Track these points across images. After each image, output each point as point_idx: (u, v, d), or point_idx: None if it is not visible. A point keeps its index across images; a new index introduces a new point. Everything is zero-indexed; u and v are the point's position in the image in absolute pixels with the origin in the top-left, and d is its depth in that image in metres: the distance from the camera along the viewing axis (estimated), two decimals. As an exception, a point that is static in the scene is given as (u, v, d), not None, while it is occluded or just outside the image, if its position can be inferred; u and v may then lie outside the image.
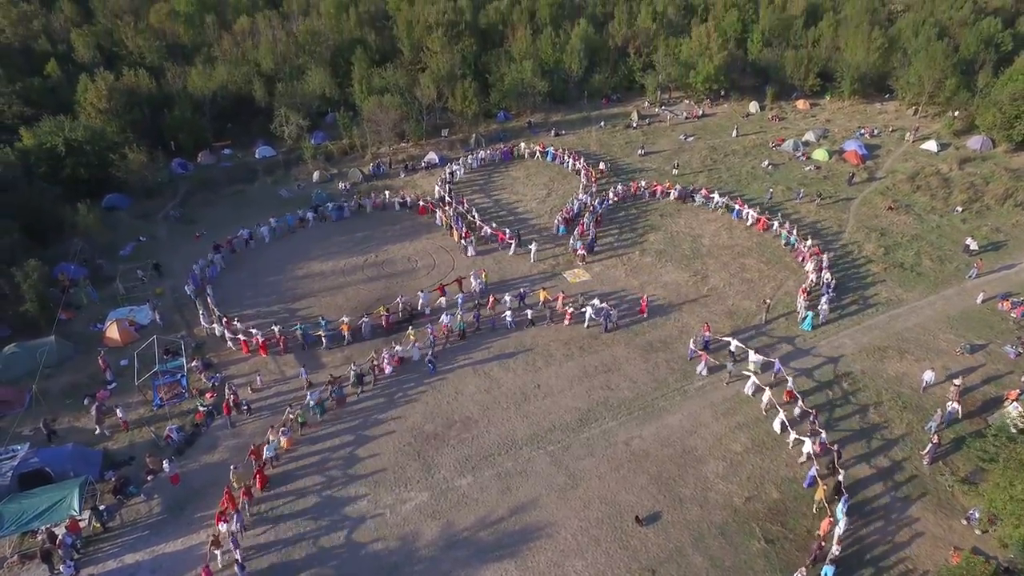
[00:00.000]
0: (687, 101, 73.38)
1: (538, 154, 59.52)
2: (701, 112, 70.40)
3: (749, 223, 46.97)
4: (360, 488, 26.98)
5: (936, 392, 31.14)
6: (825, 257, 41.16)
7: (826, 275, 39.02)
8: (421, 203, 48.91)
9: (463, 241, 44.34)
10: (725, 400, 31.43)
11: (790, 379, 31.10)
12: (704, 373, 32.42)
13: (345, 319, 35.95)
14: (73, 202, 43.59)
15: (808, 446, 26.83)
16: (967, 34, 71.67)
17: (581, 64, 72.07)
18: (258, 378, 32.90)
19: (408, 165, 57.77)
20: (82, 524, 24.70)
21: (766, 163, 57.64)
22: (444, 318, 35.78)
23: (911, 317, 37.43)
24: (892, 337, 35.64)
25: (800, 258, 42.46)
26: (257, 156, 58.62)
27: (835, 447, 27.12)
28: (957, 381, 30.82)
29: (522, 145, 60.61)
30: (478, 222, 46.39)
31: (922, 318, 37.31)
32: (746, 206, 48.04)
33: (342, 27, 73.71)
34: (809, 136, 62.42)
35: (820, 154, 58.64)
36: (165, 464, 26.81)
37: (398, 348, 33.75)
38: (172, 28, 70.80)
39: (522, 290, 38.78)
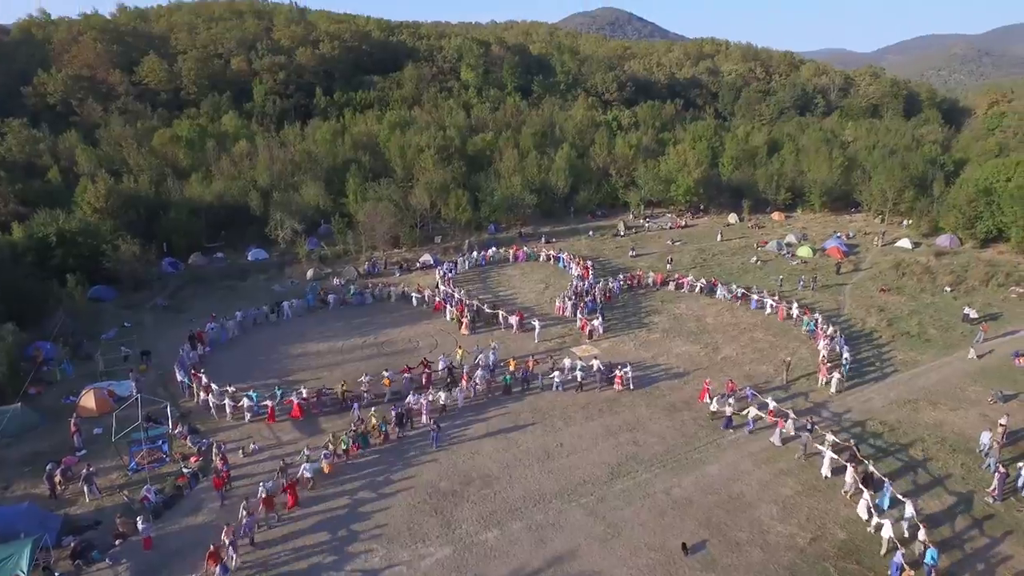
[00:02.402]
0: (669, 214, 77.03)
1: (543, 257, 60.28)
2: (684, 223, 73.73)
3: (768, 312, 45.94)
4: (370, 544, 23.20)
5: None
6: (840, 335, 40.58)
7: (845, 353, 37.74)
8: (438, 299, 47.62)
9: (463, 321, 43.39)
10: (763, 450, 29.12)
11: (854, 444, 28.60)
12: (778, 443, 29.17)
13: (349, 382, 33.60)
14: (61, 283, 41.80)
15: (888, 529, 22.24)
16: (913, 156, 78.80)
17: (567, 182, 76.20)
18: (252, 445, 29.65)
19: (403, 265, 57.86)
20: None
21: (754, 259, 59.39)
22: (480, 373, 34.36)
23: (931, 375, 36.57)
24: (919, 391, 34.45)
25: (817, 341, 40.25)
26: (250, 258, 58.23)
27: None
28: (1003, 420, 29.36)
29: (540, 246, 62.41)
30: (486, 308, 45.59)
31: (943, 375, 36.47)
32: (765, 294, 47.67)
33: (336, 151, 77.68)
34: (790, 238, 65.23)
35: (804, 251, 60.81)
36: (140, 523, 22.89)
37: (442, 395, 32.19)
38: (173, 151, 73.60)
39: (492, 358, 37.13)
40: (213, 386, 32.82)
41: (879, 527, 22.49)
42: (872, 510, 23.47)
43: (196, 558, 21.94)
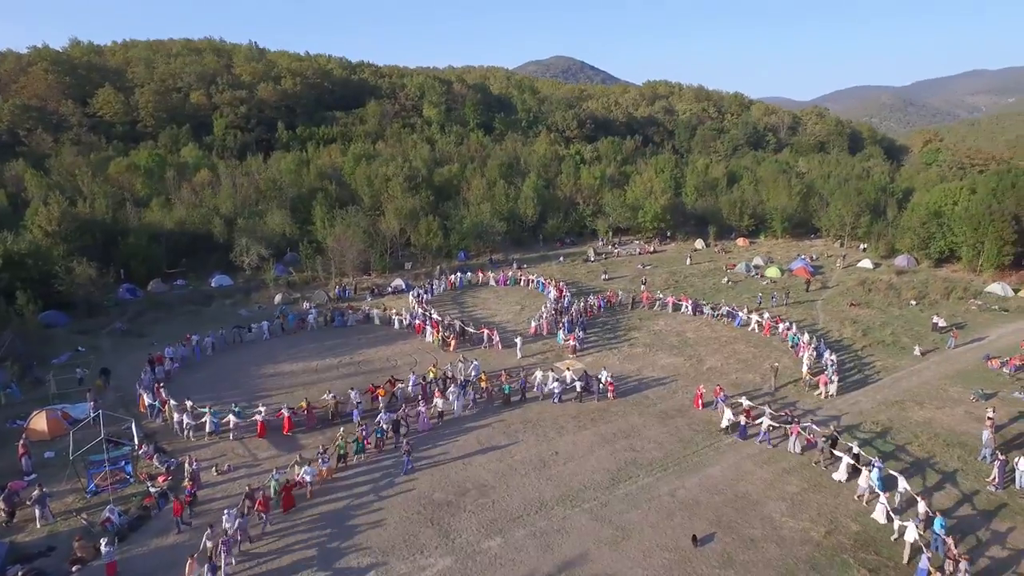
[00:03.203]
0: (637, 241, 77.94)
1: (523, 282, 59.54)
2: (652, 249, 74.63)
3: (755, 328, 45.72)
4: (363, 557, 21.36)
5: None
6: (823, 343, 41.09)
7: (831, 356, 38.03)
8: (417, 321, 46.16)
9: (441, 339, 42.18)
10: (762, 451, 28.58)
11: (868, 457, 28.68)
12: (796, 451, 28.17)
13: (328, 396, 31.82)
14: (8, 303, 38.81)
15: (913, 532, 21.17)
16: (866, 184, 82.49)
17: (535, 210, 76.50)
18: (226, 464, 27.46)
19: (374, 290, 56.37)
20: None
21: (726, 279, 60.22)
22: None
23: (912, 378, 37.08)
24: (904, 393, 34.79)
25: (800, 352, 40.31)
26: (213, 285, 55.76)
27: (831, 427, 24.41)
28: (991, 413, 29.76)
29: (515, 271, 61.62)
30: (463, 326, 44.40)
31: (924, 378, 37.00)
32: (753, 313, 47.50)
33: (301, 180, 76.31)
34: (757, 260, 66.61)
35: (773, 272, 62.08)
36: (103, 546, 20.53)
37: (438, 401, 31.30)
38: (130, 180, 70.94)
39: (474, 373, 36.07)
40: (172, 401, 30.63)
41: (903, 530, 21.60)
42: (891, 514, 22.76)
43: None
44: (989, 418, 29.43)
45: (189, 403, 30.52)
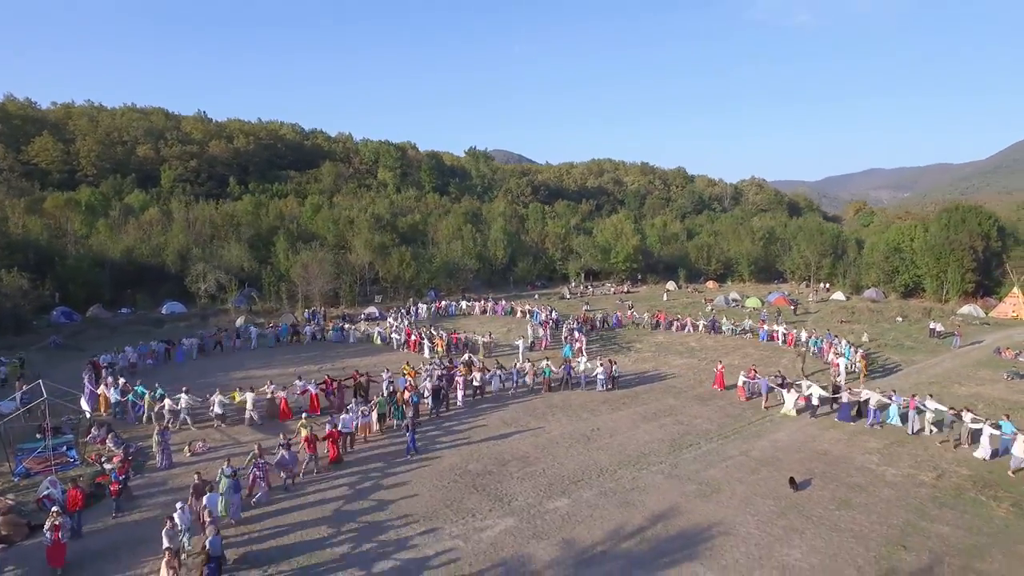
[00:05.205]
0: (609, 283, 76.73)
1: (519, 313, 55.81)
2: (626, 289, 73.41)
3: (782, 342, 43.00)
4: (406, 530, 16.78)
5: None
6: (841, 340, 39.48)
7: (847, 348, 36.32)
8: (413, 337, 41.78)
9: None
10: (821, 420, 25.84)
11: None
12: (916, 428, 23.86)
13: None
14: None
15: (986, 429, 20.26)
16: (824, 227, 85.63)
17: (505, 252, 74.64)
18: (200, 443, 22.35)
19: (346, 316, 51.86)
20: None
21: (709, 308, 59.02)
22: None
23: (935, 368, 35.76)
24: (935, 377, 33.28)
25: (824, 355, 37.89)
26: (164, 312, 49.88)
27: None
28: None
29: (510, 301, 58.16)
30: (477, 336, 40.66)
31: (946, 367, 35.76)
32: (775, 326, 45.70)
33: (260, 220, 72.13)
34: (734, 295, 66.15)
35: (753, 302, 61.52)
36: (47, 522, 15.12)
37: (476, 375, 28.84)
38: (69, 216, 64.83)
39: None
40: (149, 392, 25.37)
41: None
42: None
43: (134, 556, 14.82)
44: None
45: (122, 380, 25.87)
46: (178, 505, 15.74)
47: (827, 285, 74.85)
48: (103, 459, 20.36)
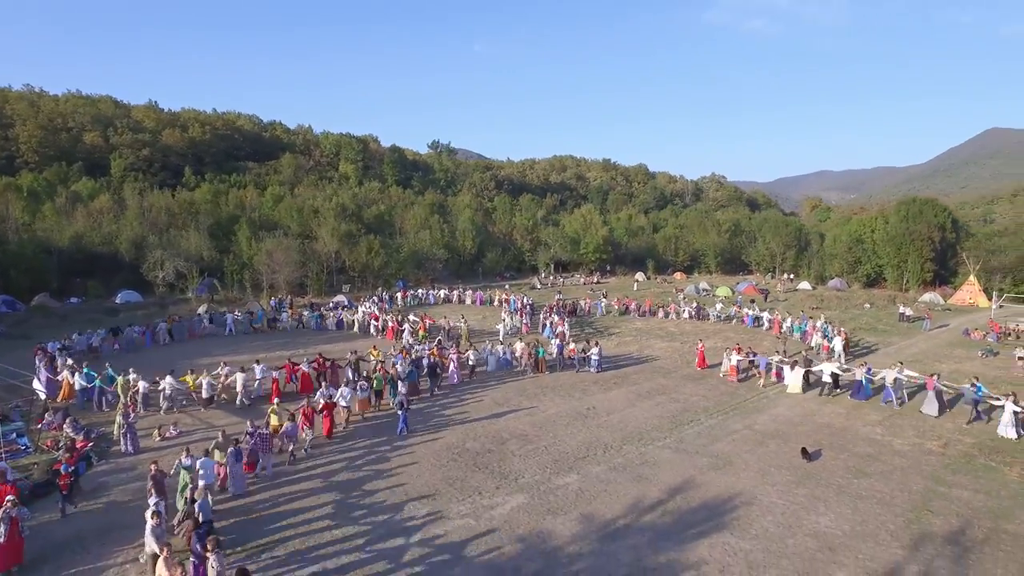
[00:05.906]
0: (578, 275, 76.35)
1: (497, 302, 54.61)
2: (596, 280, 73.14)
3: (767, 327, 42.66)
4: (410, 508, 15.56)
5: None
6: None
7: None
8: (391, 323, 40.07)
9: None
10: (818, 396, 25.65)
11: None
12: (933, 412, 22.68)
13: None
14: None
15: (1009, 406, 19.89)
16: (788, 220, 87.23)
17: (474, 243, 73.42)
18: (171, 428, 20.58)
19: (314, 305, 49.81)
20: None
21: (681, 296, 59.12)
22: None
23: (911, 348, 36.30)
24: (914, 356, 33.65)
25: (807, 338, 37.71)
26: (119, 301, 46.90)
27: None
28: (1021, 353, 28.94)
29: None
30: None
31: (922, 348, 36.35)
32: (757, 312, 45.42)
33: (220, 209, 69.04)
34: (704, 285, 66.59)
35: (723, 291, 61.99)
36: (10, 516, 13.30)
37: (470, 354, 28.70)
38: (9, 202, 60.49)
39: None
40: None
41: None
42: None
43: (104, 546, 13.24)
44: (1020, 358, 28.56)
45: (69, 361, 24.38)
46: (151, 501, 13.97)
47: (791, 276, 76.25)
48: (60, 445, 18.43)
